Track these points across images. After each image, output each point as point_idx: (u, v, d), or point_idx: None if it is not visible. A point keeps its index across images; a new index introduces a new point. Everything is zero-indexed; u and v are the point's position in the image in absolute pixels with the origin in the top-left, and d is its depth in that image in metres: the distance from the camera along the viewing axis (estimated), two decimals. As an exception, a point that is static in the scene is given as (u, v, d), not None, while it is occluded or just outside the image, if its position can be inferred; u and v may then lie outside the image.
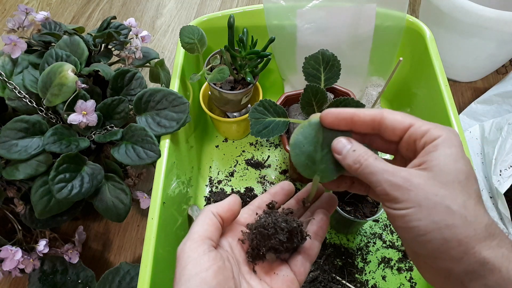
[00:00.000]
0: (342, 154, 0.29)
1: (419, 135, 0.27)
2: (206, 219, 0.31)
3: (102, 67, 0.55)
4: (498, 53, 0.73)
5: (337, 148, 0.30)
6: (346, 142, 0.29)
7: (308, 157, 0.31)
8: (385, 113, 0.28)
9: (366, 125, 0.29)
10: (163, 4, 0.99)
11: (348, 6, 0.61)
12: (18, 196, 0.52)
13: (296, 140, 0.31)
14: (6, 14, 0.96)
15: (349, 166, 0.29)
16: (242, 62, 0.59)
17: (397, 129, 0.28)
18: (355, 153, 0.28)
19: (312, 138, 0.31)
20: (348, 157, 0.29)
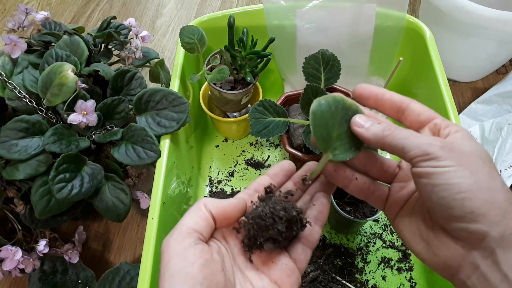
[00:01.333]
0: (365, 127, 0.29)
1: (444, 125, 0.29)
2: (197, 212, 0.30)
3: (102, 67, 0.55)
4: (498, 53, 0.73)
5: (358, 122, 0.30)
6: (367, 118, 0.30)
7: (326, 130, 0.31)
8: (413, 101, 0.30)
9: (393, 106, 0.31)
10: (163, 4, 0.99)
11: (348, 6, 0.61)
12: (18, 196, 0.52)
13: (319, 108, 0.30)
14: (6, 14, 0.96)
15: (375, 136, 0.29)
16: (242, 62, 0.59)
17: (423, 115, 0.30)
18: (381, 124, 0.29)
19: (332, 112, 0.31)
20: (374, 128, 0.29)
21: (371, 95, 0.31)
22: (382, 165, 0.33)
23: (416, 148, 0.26)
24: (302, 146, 0.56)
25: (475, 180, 0.25)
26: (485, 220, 0.24)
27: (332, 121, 0.31)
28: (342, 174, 0.32)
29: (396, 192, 0.33)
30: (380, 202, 0.33)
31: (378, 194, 0.33)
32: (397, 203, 0.32)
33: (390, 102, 0.31)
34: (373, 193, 0.33)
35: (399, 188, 0.33)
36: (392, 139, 0.28)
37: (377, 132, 0.29)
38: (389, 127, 0.28)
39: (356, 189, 0.33)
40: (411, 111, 0.30)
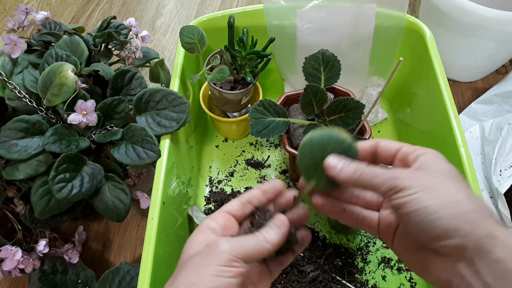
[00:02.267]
0: (337, 168, 0.31)
1: (410, 151, 0.31)
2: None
3: (102, 67, 0.55)
4: (498, 53, 0.73)
5: (330, 164, 0.32)
6: (339, 159, 0.32)
7: (313, 160, 0.32)
8: (380, 140, 0.33)
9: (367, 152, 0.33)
10: (163, 4, 0.99)
11: (348, 6, 0.61)
12: (18, 196, 0.52)
13: (310, 141, 0.32)
14: (6, 14, 0.96)
15: (348, 177, 0.31)
16: (242, 62, 0.59)
17: (392, 148, 0.32)
18: (352, 165, 0.31)
19: (323, 145, 0.32)
20: (346, 169, 0.31)
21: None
22: (365, 197, 0.36)
23: (384, 184, 0.29)
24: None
25: (440, 199, 0.27)
26: (459, 234, 0.26)
27: (321, 154, 0.32)
28: (330, 207, 0.35)
29: (385, 219, 0.34)
30: (373, 229, 0.35)
31: (368, 222, 0.35)
32: (389, 228, 0.34)
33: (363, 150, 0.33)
34: (363, 221, 0.35)
35: (386, 214, 0.34)
36: (363, 180, 0.30)
37: (349, 175, 0.31)
38: (359, 167, 0.30)
39: (346, 219, 0.35)
40: (382, 149, 0.33)
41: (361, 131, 0.56)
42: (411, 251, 0.31)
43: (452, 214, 0.26)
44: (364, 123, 0.55)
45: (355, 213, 0.35)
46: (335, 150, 0.32)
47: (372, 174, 0.30)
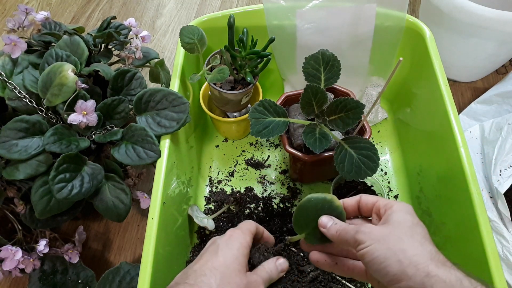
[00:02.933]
0: (327, 227, 0.38)
1: (382, 205, 0.37)
2: None
3: (102, 67, 0.55)
4: (498, 53, 0.73)
5: (322, 223, 0.38)
6: (329, 219, 0.38)
7: (305, 221, 0.39)
8: (362, 195, 0.40)
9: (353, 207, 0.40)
10: (163, 4, 0.99)
11: (348, 6, 0.61)
12: (18, 196, 0.52)
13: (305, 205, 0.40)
14: (6, 14, 0.96)
15: (332, 236, 0.37)
16: (242, 62, 0.59)
17: (369, 203, 0.39)
18: (336, 226, 0.37)
19: (318, 209, 0.39)
20: (332, 229, 0.37)
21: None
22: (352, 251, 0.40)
23: (351, 238, 0.35)
24: (302, 146, 0.56)
25: (388, 248, 0.32)
26: (406, 277, 0.30)
27: (313, 216, 0.39)
28: (324, 262, 0.40)
29: None
30: (362, 276, 0.40)
31: (357, 271, 0.40)
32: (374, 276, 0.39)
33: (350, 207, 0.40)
34: (354, 271, 0.40)
35: None
36: (342, 237, 0.36)
37: (333, 232, 0.37)
38: (341, 227, 0.37)
39: (339, 271, 0.40)
40: (361, 204, 0.39)
41: (361, 131, 0.56)
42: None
43: (397, 260, 0.31)
44: (364, 123, 0.55)
45: (346, 265, 0.40)
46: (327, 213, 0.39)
47: (344, 231, 0.36)
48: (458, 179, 0.50)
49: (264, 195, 0.67)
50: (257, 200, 0.66)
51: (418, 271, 0.30)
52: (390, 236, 0.33)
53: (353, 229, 0.35)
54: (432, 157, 0.60)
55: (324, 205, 0.39)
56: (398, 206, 0.36)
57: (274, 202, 0.66)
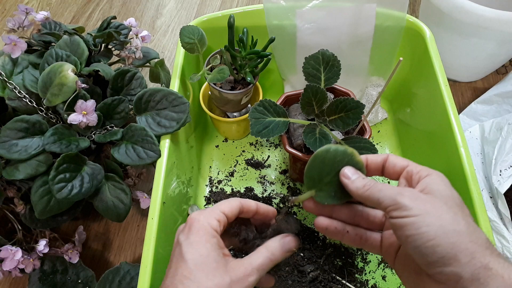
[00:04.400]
0: (351, 179, 0.33)
1: (415, 171, 0.32)
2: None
3: (102, 67, 0.55)
4: (498, 53, 0.73)
5: (347, 173, 0.33)
6: (355, 171, 0.33)
7: (319, 173, 0.34)
8: (390, 155, 0.35)
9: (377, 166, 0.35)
10: (163, 4, 0.99)
11: (348, 6, 0.61)
12: (18, 196, 0.52)
13: (325, 153, 0.34)
14: (6, 14, 0.96)
15: (357, 189, 0.32)
16: (242, 62, 0.59)
17: (397, 165, 0.33)
18: (364, 179, 0.32)
19: (336, 161, 0.34)
20: (358, 181, 0.32)
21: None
22: (368, 216, 0.36)
23: (388, 199, 0.29)
24: (302, 146, 0.56)
25: (441, 225, 0.27)
26: (456, 262, 0.26)
27: (330, 168, 0.34)
28: (333, 230, 0.35)
29: (388, 239, 0.35)
30: (376, 249, 0.36)
31: (371, 242, 0.36)
32: (391, 248, 0.35)
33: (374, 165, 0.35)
34: (367, 241, 0.36)
35: (389, 235, 0.35)
36: (370, 193, 0.31)
37: (359, 186, 0.32)
38: (369, 182, 0.32)
39: (349, 240, 0.36)
40: (388, 164, 0.34)
41: (361, 131, 0.56)
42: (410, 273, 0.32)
43: (450, 243, 0.27)
44: (364, 123, 0.55)
45: (358, 234, 0.36)
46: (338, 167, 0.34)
47: (377, 189, 0.31)
48: (458, 179, 0.50)
49: (264, 195, 0.67)
50: (257, 200, 0.66)
51: (473, 259, 0.26)
52: (441, 211, 0.28)
53: (391, 188, 0.30)
54: (432, 157, 0.60)
55: (344, 158, 0.34)
56: (437, 175, 0.31)
57: (274, 202, 0.66)
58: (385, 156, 0.34)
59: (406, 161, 0.33)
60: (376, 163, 0.35)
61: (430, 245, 0.27)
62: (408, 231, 0.28)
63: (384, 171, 0.34)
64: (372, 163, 0.35)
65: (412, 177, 0.32)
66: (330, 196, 0.34)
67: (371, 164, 0.35)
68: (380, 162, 0.35)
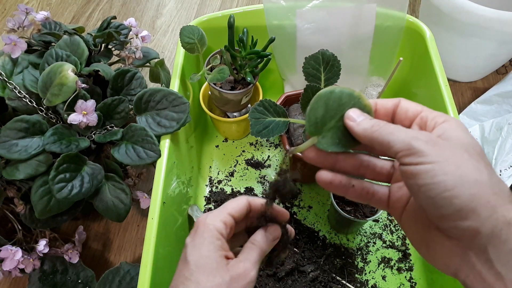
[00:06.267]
0: (356, 121, 0.29)
1: (431, 116, 0.28)
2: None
3: (102, 67, 0.55)
4: (498, 53, 0.73)
5: (352, 115, 0.29)
6: (361, 113, 0.30)
7: (323, 117, 0.31)
8: (402, 99, 0.31)
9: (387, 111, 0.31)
10: (163, 4, 0.99)
11: (348, 6, 0.61)
12: (18, 196, 0.52)
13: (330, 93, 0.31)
14: (6, 14, 0.96)
15: (364, 130, 0.28)
16: (242, 62, 0.59)
17: (410, 111, 0.30)
18: (372, 120, 0.29)
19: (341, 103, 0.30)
20: (364, 123, 0.29)
21: None
22: (375, 167, 0.33)
23: (400, 143, 0.26)
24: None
25: (460, 175, 0.24)
26: (475, 216, 0.23)
27: (334, 111, 0.30)
28: (337, 184, 0.32)
29: (396, 192, 0.32)
30: (382, 203, 0.33)
31: (378, 196, 0.32)
32: (399, 202, 0.32)
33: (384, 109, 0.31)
34: (373, 196, 0.33)
35: (397, 188, 0.32)
36: (379, 135, 0.27)
37: (367, 127, 0.28)
38: (378, 123, 0.28)
39: (355, 195, 0.33)
40: (400, 109, 0.30)
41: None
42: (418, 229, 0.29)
43: (470, 194, 0.23)
44: (364, 123, 0.55)
45: (365, 188, 0.32)
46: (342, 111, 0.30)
47: (389, 131, 0.27)
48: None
49: (264, 195, 0.67)
50: (257, 200, 0.66)
51: (495, 214, 0.23)
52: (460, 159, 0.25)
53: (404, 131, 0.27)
54: (432, 157, 0.60)
55: (350, 100, 0.30)
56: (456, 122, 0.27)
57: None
58: (397, 100, 0.31)
59: (420, 106, 0.30)
60: (386, 108, 0.31)
61: (447, 196, 0.24)
62: (422, 180, 0.24)
63: (395, 117, 0.31)
64: (382, 108, 0.31)
65: (427, 123, 0.28)
66: (334, 142, 0.31)
67: (381, 109, 0.31)
68: (390, 107, 0.31)
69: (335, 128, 0.31)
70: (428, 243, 0.28)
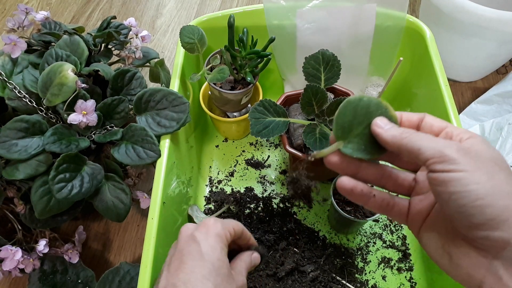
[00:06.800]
0: (384, 128, 0.29)
1: (455, 133, 0.29)
2: None
3: (102, 66, 0.55)
4: (498, 53, 0.73)
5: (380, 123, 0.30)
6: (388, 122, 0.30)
7: (350, 122, 0.31)
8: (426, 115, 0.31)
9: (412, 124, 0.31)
10: (163, 4, 0.99)
11: (348, 6, 0.61)
12: (18, 196, 0.52)
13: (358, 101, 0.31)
14: (6, 14, 0.96)
15: (393, 137, 0.29)
16: (242, 62, 0.59)
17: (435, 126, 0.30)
18: (400, 128, 0.29)
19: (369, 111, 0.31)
20: (393, 130, 0.29)
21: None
22: (397, 179, 0.33)
23: (432, 149, 0.26)
24: (302, 146, 0.56)
25: (493, 185, 0.24)
26: (506, 227, 0.23)
27: (362, 118, 0.31)
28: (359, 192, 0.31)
29: (416, 205, 0.32)
30: (402, 216, 0.33)
31: (398, 209, 0.32)
32: (419, 216, 0.32)
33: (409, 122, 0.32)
34: (393, 208, 0.32)
35: (418, 201, 0.32)
36: (408, 141, 0.27)
37: (395, 134, 0.29)
38: (407, 131, 0.28)
39: (375, 205, 0.32)
40: (424, 124, 0.31)
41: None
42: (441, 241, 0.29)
43: (503, 205, 0.23)
44: (364, 123, 0.55)
45: (385, 199, 0.32)
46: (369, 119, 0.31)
47: (419, 138, 0.27)
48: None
49: (264, 195, 0.67)
50: (257, 200, 0.66)
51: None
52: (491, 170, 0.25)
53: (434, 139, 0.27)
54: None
55: (378, 109, 0.31)
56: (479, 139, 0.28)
57: (274, 202, 0.66)
58: (422, 115, 0.31)
59: (444, 122, 0.30)
60: (411, 121, 0.31)
61: (478, 205, 0.24)
62: (453, 187, 0.24)
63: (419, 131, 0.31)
64: (407, 121, 0.31)
65: (452, 139, 0.29)
66: (360, 148, 0.31)
67: (406, 121, 0.31)
68: (416, 120, 0.31)
69: (361, 134, 0.31)
70: (451, 254, 0.28)
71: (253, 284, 0.57)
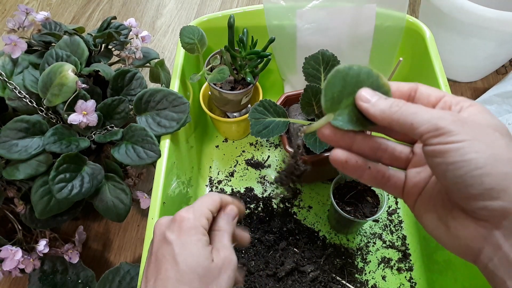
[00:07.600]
0: (371, 101, 0.27)
1: (454, 101, 0.27)
2: None
3: (102, 67, 0.56)
4: (498, 53, 0.73)
5: (364, 95, 0.28)
6: (374, 92, 0.28)
7: (340, 93, 0.29)
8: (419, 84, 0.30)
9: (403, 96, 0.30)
10: (163, 4, 0.99)
11: (348, 6, 0.61)
12: (18, 196, 0.52)
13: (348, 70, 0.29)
14: (6, 14, 0.96)
15: (381, 112, 0.27)
16: (242, 62, 0.59)
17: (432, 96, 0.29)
18: (388, 100, 0.27)
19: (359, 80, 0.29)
20: (380, 103, 0.27)
21: None
22: (394, 151, 0.31)
23: (426, 123, 0.25)
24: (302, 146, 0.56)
25: (493, 153, 0.23)
26: (507, 196, 0.22)
27: (352, 88, 0.29)
28: (353, 164, 0.30)
29: (413, 178, 0.31)
30: (397, 189, 0.31)
31: (394, 181, 0.31)
32: (415, 189, 0.31)
33: (399, 91, 0.30)
34: (389, 181, 0.31)
35: (415, 173, 0.31)
36: (400, 116, 0.26)
37: (384, 109, 0.27)
38: (397, 103, 0.27)
39: (370, 178, 0.31)
40: (420, 95, 0.29)
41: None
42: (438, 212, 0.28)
43: (502, 173, 0.23)
44: (364, 123, 0.55)
45: (381, 171, 0.31)
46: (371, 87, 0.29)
47: (411, 111, 0.26)
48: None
49: (264, 195, 0.67)
50: (257, 200, 0.66)
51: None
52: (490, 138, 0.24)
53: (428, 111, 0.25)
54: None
55: (368, 78, 0.29)
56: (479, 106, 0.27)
57: (274, 202, 0.66)
58: (413, 84, 0.29)
59: (442, 92, 0.29)
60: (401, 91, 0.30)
61: (478, 174, 0.23)
62: (451, 158, 0.23)
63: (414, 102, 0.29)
64: (397, 91, 0.30)
65: (451, 107, 0.27)
66: (351, 120, 0.29)
67: (396, 92, 0.30)
68: (406, 90, 0.30)
69: (352, 105, 0.29)
70: (448, 226, 0.27)
71: (253, 284, 0.57)
